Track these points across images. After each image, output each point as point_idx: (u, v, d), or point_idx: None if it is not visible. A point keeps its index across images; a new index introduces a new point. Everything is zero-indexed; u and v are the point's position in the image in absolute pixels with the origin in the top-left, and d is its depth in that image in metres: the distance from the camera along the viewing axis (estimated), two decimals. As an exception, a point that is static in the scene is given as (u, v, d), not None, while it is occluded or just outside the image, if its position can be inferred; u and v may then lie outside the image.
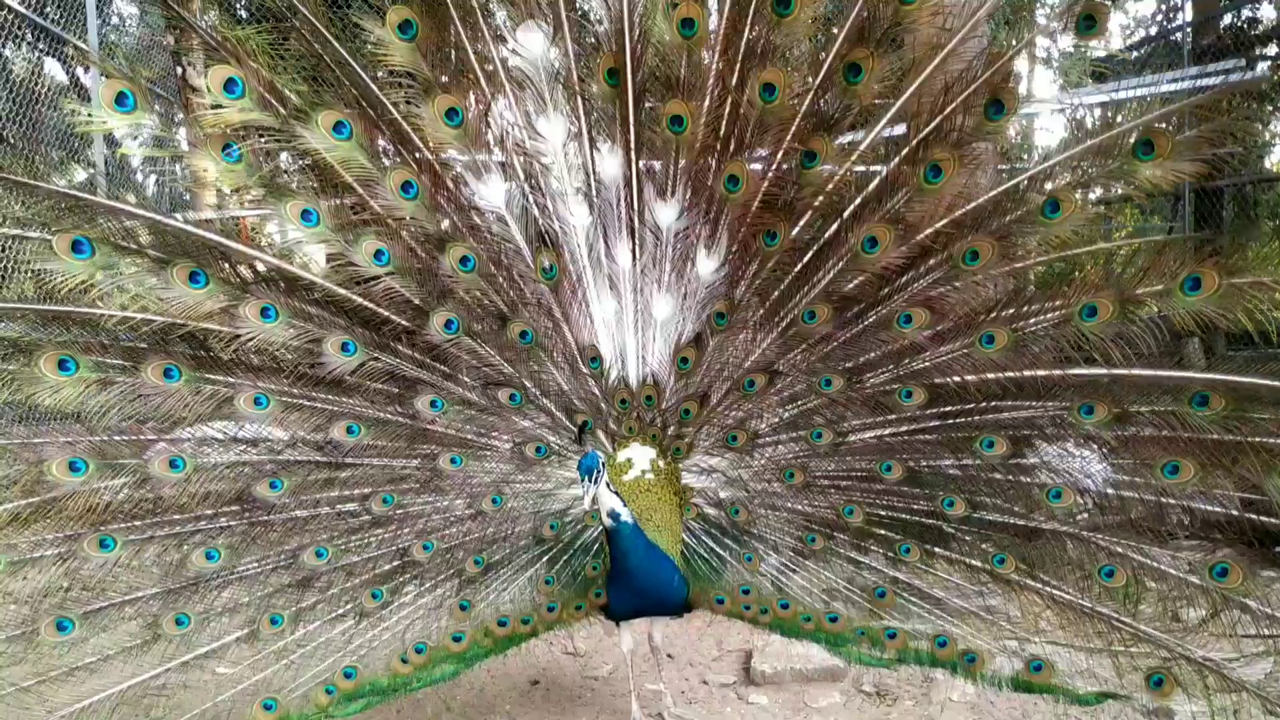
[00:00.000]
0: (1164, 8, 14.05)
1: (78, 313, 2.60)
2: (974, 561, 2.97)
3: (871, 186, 2.83)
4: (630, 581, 3.02)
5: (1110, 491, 2.73)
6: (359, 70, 2.64)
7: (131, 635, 2.83)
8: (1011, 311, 2.76)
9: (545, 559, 3.24)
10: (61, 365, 2.61)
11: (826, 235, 2.90)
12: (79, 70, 8.23)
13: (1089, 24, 2.58)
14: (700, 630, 4.50)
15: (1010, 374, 2.75)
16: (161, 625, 2.84)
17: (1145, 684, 2.80)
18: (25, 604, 2.69)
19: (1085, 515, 2.77)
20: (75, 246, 2.52)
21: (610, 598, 3.16)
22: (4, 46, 6.70)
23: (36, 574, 2.69)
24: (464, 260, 2.88)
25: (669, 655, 4.22)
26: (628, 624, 3.31)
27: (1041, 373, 2.73)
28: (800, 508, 3.14)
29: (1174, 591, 2.69)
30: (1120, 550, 2.77)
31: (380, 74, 2.67)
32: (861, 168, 2.87)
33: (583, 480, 2.79)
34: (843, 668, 3.92)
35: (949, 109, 2.68)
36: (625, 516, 2.89)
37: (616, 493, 2.93)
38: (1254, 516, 2.64)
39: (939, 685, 3.78)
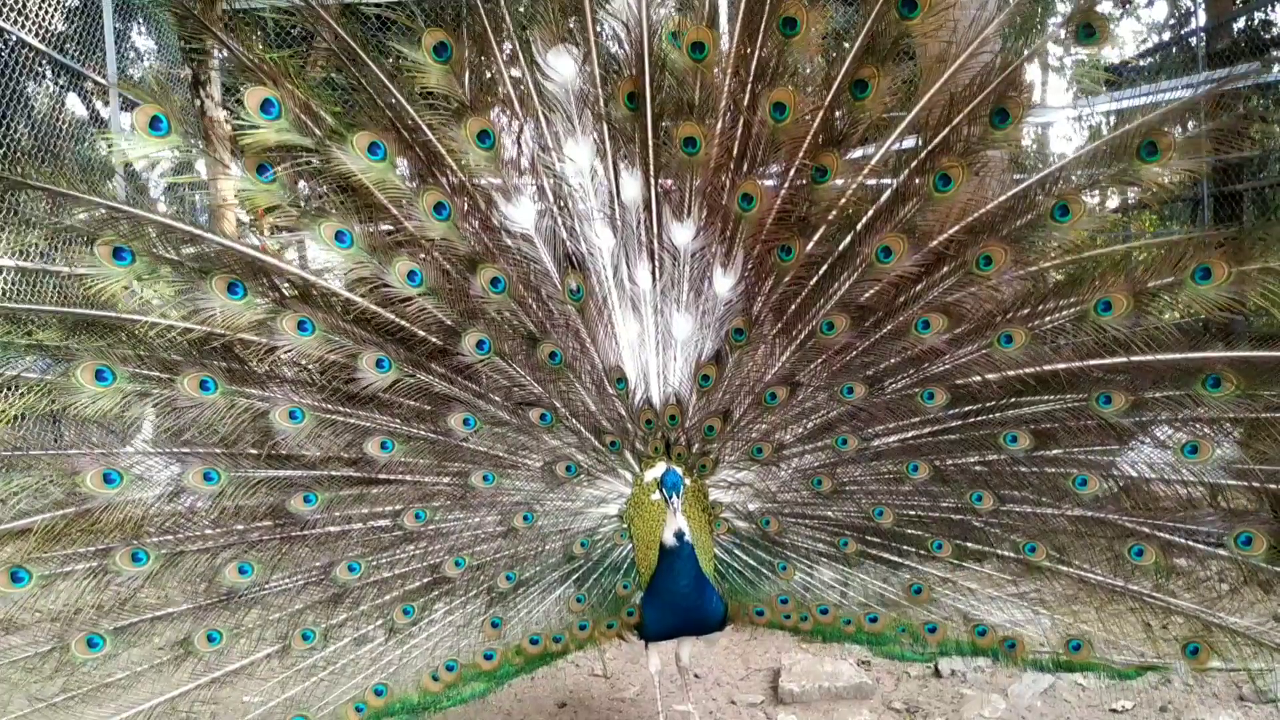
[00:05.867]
0: (1176, 14, 13.58)
1: (118, 319, 2.42)
2: (1005, 552, 2.74)
3: (884, 197, 2.68)
4: (675, 601, 2.75)
5: (1134, 475, 2.56)
6: (394, 90, 2.52)
7: (162, 651, 2.56)
8: (1027, 311, 2.59)
9: (575, 577, 2.98)
10: (99, 375, 2.42)
11: (841, 247, 2.73)
12: (98, 104, 8.20)
13: (1089, 33, 2.48)
14: (727, 649, 4.16)
15: (1031, 370, 2.57)
16: (194, 641, 2.58)
17: (1181, 653, 2.62)
18: (57, 620, 2.44)
19: (1112, 500, 2.60)
20: (117, 253, 2.37)
21: (648, 618, 2.87)
22: (24, 82, 6.67)
23: (69, 588, 2.44)
24: (495, 281, 2.71)
25: (696, 675, 3.88)
26: (655, 644, 3.02)
27: (1061, 366, 2.55)
28: (830, 514, 2.90)
29: (1202, 565, 2.55)
30: (1147, 530, 2.58)
31: (413, 93, 2.54)
32: (872, 181, 2.73)
33: (670, 497, 2.60)
34: (871, 685, 3.59)
35: (956, 120, 2.55)
36: (689, 537, 2.63)
37: (682, 512, 2.67)
38: (1274, 486, 2.49)
39: (970, 702, 3.44)
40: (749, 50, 2.61)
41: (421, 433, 2.77)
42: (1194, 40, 10.22)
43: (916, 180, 2.64)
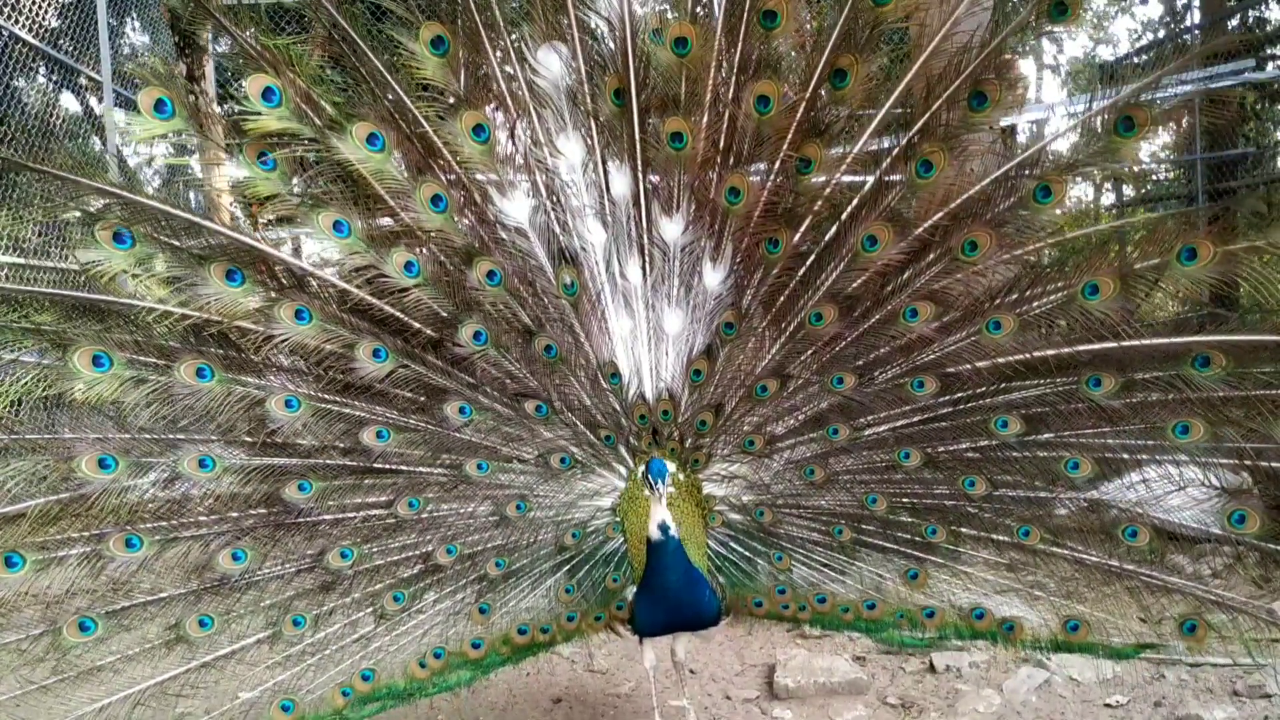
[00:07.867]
0: (1171, 11, 13.48)
1: (115, 303, 2.39)
2: (1000, 536, 2.68)
3: (868, 186, 2.65)
4: (667, 597, 2.66)
5: (1126, 458, 2.51)
6: (393, 82, 2.50)
7: (154, 636, 2.51)
8: (1015, 296, 2.55)
9: (566, 568, 2.92)
10: (95, 361, 2.39)
11: (827, 237, 2.70)
12: (92, 100, 8.12)
13: (1060, 10, 2.45)
14: (722, 645, 4.06)
15: (1020, 356, 2.52)
16: (185, 627, 2.53)
17: (1178, 631, 2.57)
18: (50, 603, 2.39)
19: (1105, 484, 2.54)
20: (117, 237, 2.35)
21: (641, 613, 2.78)
22: (16, 78, 6.64)
23: (62, 573, 2.39)
24: (491, 274, 2.67)
25: (691, 670, 3.78)
26: (650, 640, 2.94)
27: (1051, 352, 2.50)
28: (824, 503, 2.85)
29: (1195, 545, 2.47)
30: (1140, 511, 2.52)
31: (411, 85, 2.54)
32: (858, 170, 2.72)
33: (654, 484, 2.48)
34: (867, 680, 3.50)
35: (935, 105, 2.53)
36: (674, 531, 2.55)
37: (667, 505, 2.59)
38: (1266, 464, 2.44)
39: (965, 696, 3.35)
40: (732, 44, 2.59)
41: (417, 423, 2.72)
42: (1189, 38, 10.17)
43: (899, 168, 2.62)
